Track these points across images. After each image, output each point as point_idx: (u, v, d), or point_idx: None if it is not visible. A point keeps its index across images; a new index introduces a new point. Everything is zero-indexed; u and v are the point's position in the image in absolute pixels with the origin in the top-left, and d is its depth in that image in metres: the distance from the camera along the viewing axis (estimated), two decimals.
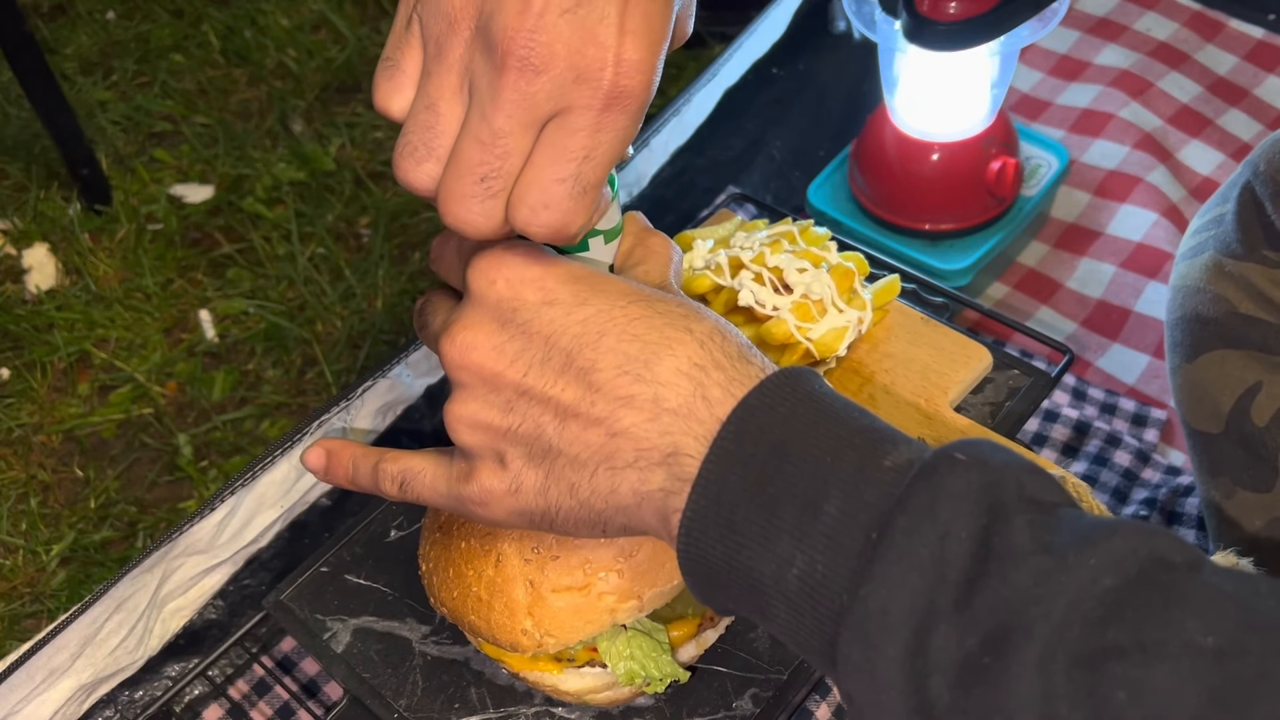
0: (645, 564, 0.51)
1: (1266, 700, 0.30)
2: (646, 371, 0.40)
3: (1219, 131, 1.08)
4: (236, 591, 0.78)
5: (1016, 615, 0.33)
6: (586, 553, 0.51)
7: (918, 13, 0.79)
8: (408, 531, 0.68)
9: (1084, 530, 0.34)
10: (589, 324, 0.41)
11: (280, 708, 0.75)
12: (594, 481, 0.41)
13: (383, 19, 1.57)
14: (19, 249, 1.30)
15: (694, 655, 0.58)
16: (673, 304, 0.42)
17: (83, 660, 0.71)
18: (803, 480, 0.37)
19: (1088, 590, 0.33)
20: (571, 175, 0.39)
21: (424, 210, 1.30)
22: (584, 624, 0.52)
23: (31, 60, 1.22)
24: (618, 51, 0.37)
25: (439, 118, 0.40)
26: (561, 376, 0.41)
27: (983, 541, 0.34)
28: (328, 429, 0.80)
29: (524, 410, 0.42)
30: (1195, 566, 0.33)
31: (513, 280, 0.42)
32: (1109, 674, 0.31)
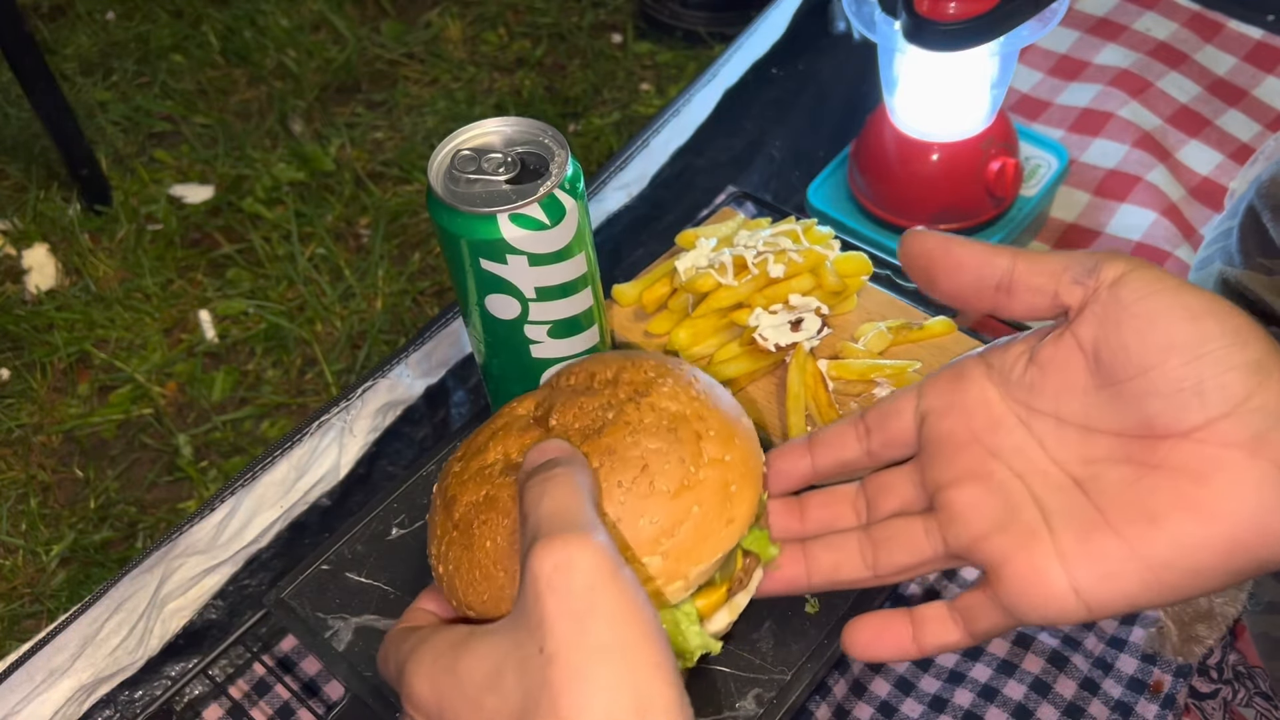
0: (689, 541, 0.48)
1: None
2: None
3: (1218, 131, 1.08)
4: (236, 591, 0.78)
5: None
6: (628, 537, 0.48)
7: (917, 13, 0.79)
8: (409, 529, 0.68)
9: None
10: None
11: (280, 707, 0.75)
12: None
13: (382, 19, 1.57)
14: (19, 249, 1.30)
15: (728, 622, 0.54)
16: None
17: (83, 660, 0.71)
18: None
19: None
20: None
21: (423, 210, 1.30)
22: None
23: (31, 60, 1.22)
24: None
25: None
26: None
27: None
28: (327, 429, 0.80)
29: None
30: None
31: (408, 697, 0.44)
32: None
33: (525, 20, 1.56)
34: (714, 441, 0.49)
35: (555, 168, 0.58)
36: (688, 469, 0.48)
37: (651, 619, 0.38)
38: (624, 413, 0.49)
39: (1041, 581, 0.42)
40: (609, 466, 0.47)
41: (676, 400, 0.50)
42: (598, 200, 0.96)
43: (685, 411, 0.49)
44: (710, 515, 0.48)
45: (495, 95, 1.45)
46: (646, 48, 1.50)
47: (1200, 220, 1.00)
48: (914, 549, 0.48)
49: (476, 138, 0.60)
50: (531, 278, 0.59)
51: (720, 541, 0.48)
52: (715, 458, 0.49)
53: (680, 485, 0.47)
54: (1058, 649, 0.69)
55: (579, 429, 0.50)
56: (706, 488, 0.48)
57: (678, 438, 0.48)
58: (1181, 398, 0.39)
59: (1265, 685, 0.68)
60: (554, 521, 0.39)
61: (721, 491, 0.48)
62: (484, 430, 0.54)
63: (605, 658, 0.36)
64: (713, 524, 0.48)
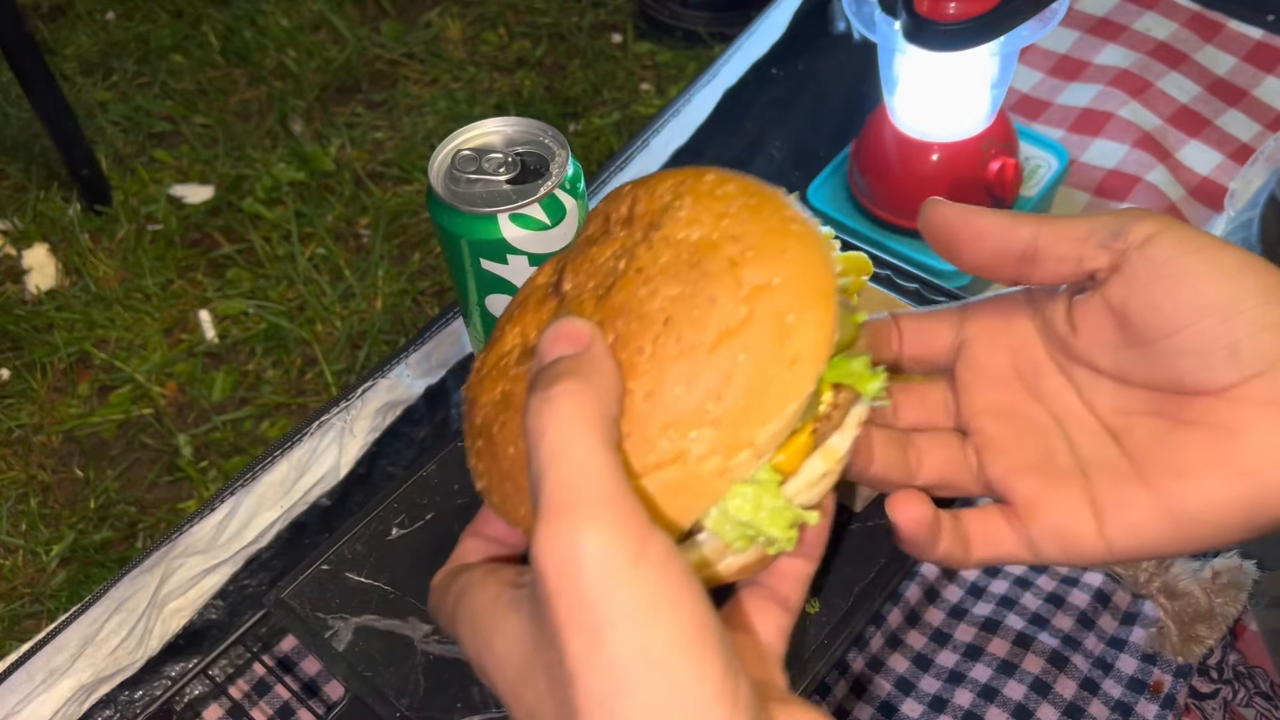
0: (743, 399, 0.37)
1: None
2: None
3: (1218, 132, 1.08)
4: (236, 591, 0.78)
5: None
6: (664, 414, 0.37)
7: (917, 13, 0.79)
8: (409, 529, 0.68)
9: None
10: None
11: (280, 707, 0.75)
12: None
13: (382, 19, 1.57)
14: (19, 249, 1.30)
15: (822, 473, 0.41)
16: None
17: (83, 660, 0.71)
18: None
19: None
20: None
21: (423, 210, 1.30)
22: (694, 501, 0.38)
23: (31, 60, 1.23)
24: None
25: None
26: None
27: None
28: (327, 429, 0.80)
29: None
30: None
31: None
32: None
33: (525, 20, 1.56)
34: (754, 264, 0.38)
35: (556, 168, 0.58)
36: (722, 309, 0.37)
37: (689, 610, 0.32)
38: (635, 258, 0.39)
39: (1072, 525, 0.42)
40: (626, 332, 0.38)
41: (698, 224, 0.39)
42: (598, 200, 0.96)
43: (711, 236, 0.39)
44: (764, 360, 0.37)
45: (495, 95, 1.45)
46: (646, 48, 1.50)
47: (1200, 220, 1.00)
48: (952, 463, 0.47)
49: (477, 138, 0.60)
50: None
51: (786, 389, 0.37)
52: (759, 285, 0.37)
53: (717, 332, 0.37)
54: (1058, 649, 0.69)
55: (592, 290, 0.40)
56: (753, 327, 0.37)
57: (703, 273, 0.38)
58: (1215, 357, 0.39)
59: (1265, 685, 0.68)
60: (555, 485, 0.32)
61: (774, 326, 0.37)
62: (507, 309, 0.45)
63: (631, 687, 0.31)
64: (770, 370, 0.37)
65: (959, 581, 0.74)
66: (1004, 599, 0.72)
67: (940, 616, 0.72)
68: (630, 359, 0.37)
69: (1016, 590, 0.72)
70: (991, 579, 0.74)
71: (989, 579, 0.74)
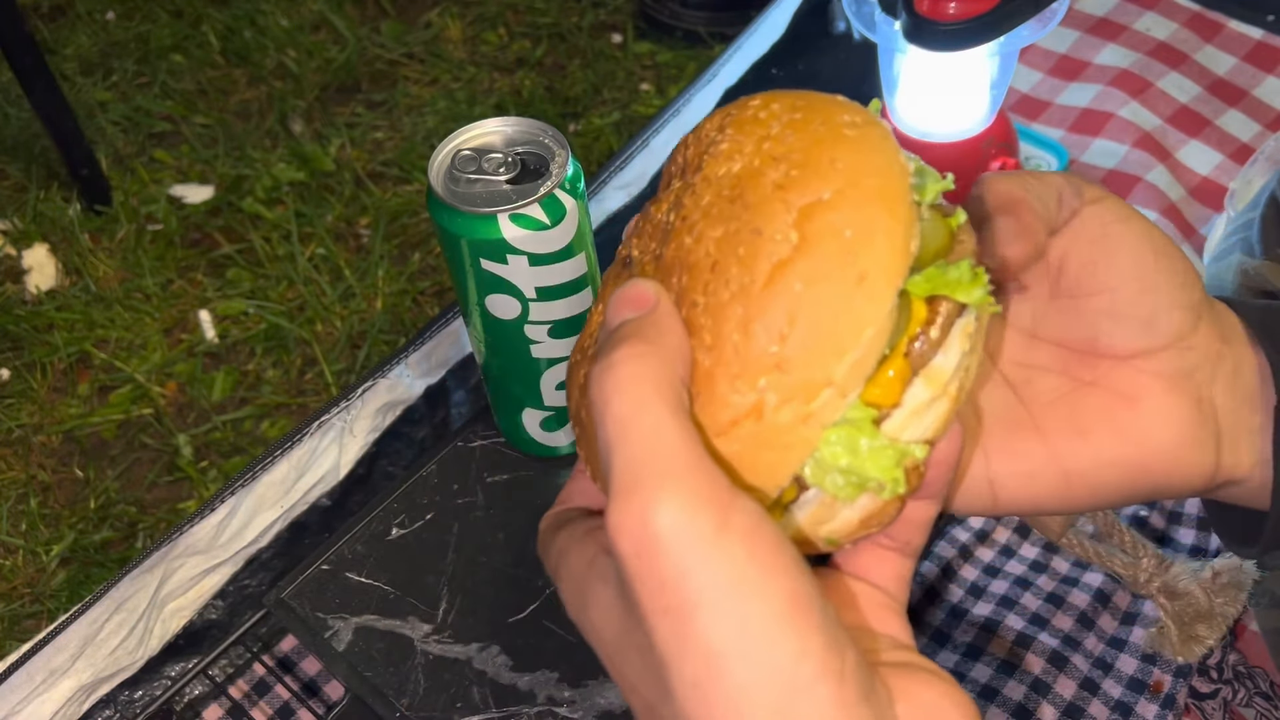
0: (810, 333, 0.32)
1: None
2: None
3: (1218, 132, 1.08)
4: (236, 591, 0.78)
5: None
6: (728, 366, 0.33)
7: (917, 13, 0.79)
8: (409, 529, 0.68)
9: None
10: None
11: (280, 707, 0.75)
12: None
13: (382, 19, 1.57)
14: (19, 249, 1.30)
15: (933, 401, 0.35)
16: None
17: (83, 661, 0.71)
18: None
19: None
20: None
21: (423, 210, 1.30)
22: (780, 456, 0.33)
23: (31, 60, 1.23)
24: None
25: None
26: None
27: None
28: (327, 429, 0.80)
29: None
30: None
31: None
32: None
33: (525, 20, 1.56)
34: (800, 182, 0.33)
35: (555, 168, 0.58)
36: (770, 240, 0.33)
37: (783, 583, 0.29)
38: (682, 207, 0.36)
39: (962, 470, 0.42)
40: (680, 289, 0.34)
41: (738, 155, 0.35)
42: (598, 200, 0.96)
43: (751, 164, 0.34)
44: (827, 285, 0.32)
45: (495, 95, 1.45)
46: (646, 48, 1.50)
47: (1200, 220, 1.00)
48: None
49: (477, 138, 0.60)
50: (532, 278, 0.59)
51: (858, 312, 0.32)
52: (808, 204, 0.33)
53: (769, 266, 0.32)
54: (1058, 649, 0.69)
55: (651, 252, 0.36)
56: (808, 252, 0.32)
57: (745, 205, 0.34)
58: (1131, 324, 0.40)
59: (1265, 685, 0.68)
60: (624, 459, 0.29)
61: (832, 245, 0.32)
62: (599, 291, 0.41)
63: (726, 663, 0.28)
64: (835, 295, 0.32)
65: (959, 581, 0.74)
66: (1004, 599, 0.72)
67: (940, 616, 0.72)
68: (688, 315, 0.33)
69: (1016, 590, 0.72)
70: (991, 579, 0.74)
71: (989, 579, 0.74)
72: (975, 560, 0.74)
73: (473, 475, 0.70)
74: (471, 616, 0.64)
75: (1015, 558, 0.74)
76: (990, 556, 0.74)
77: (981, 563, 0.74)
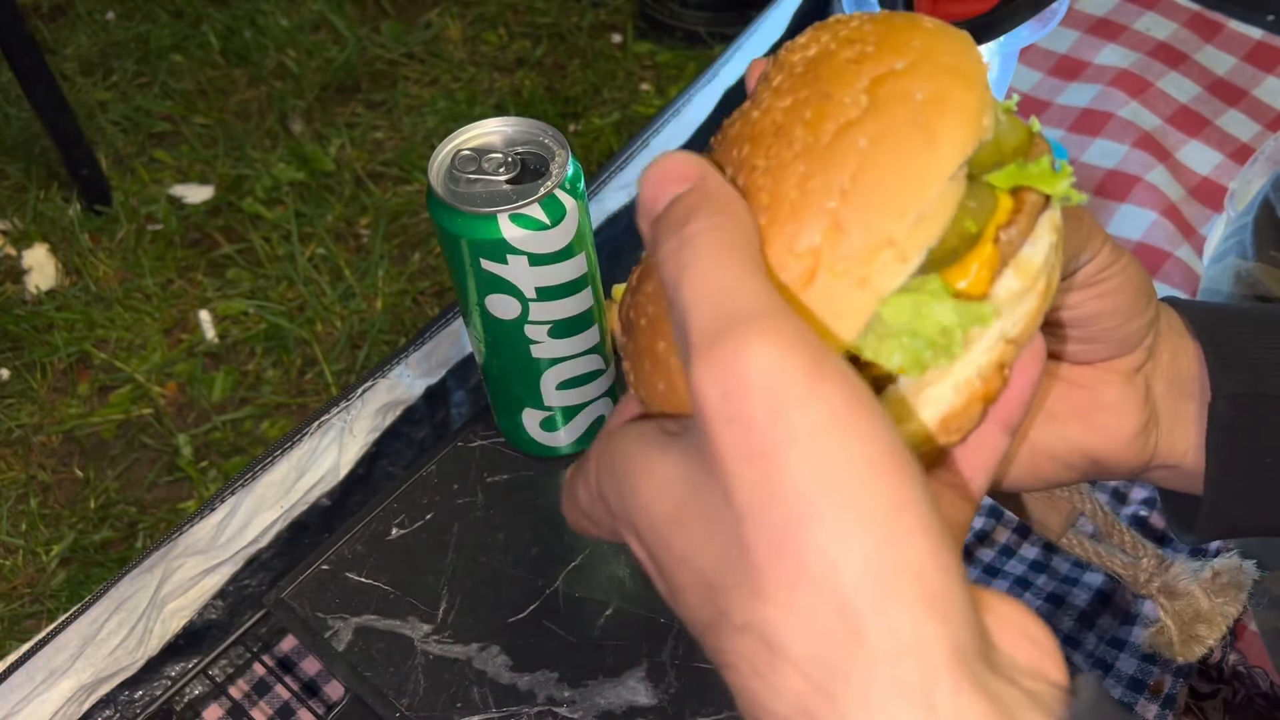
0: (872, 187, 0.30)
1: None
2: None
3: (1218, 132, 1.08)
4: (236, 591, 0.78)
5: None
6: (781, 224, 0.31)
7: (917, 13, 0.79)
8: (409, 529, 0.68)
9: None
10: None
11: (280, 707, 0.75)
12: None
13: (382, 19, 1.57)
14: (19, 249, 1.30)
15: (1023, 294, 0.34)
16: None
17: (83, 660, 0.71)
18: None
19: None
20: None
21: (423, 210, 1.30)
22: (839, 324, 0.31)
23: (31, 60, 1.23)
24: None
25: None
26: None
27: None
28: (327, 429, 0.80)
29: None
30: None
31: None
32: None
33: (525, 20, 1.56)
34: (874, 57, 0.32)
35: (555, 168, 0.58)
36: (839, 104, 0.31)
37: (880, 430, 0.26)
38: (753, 95, 0.34)
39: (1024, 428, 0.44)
40: (740, 159, 0.33)
41: (814, 44, 0.34)
42: (598, 200, 0.96)
43: (827, 47, 0.33)
44: (893, 144, 0.30)
45: (495, 95, 1.45)
46: (646, 48, 1.50)
47: (1200, 220, 1.00)
48: None
49: (477, 138, 0.60)
50: (532, 278, 0.59)
51: (925, 172, 0.30)
52: (882, 73, 0.31)
53: (836, 126, 0.31)
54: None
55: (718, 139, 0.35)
56: (877, 112, 0.31)
57: (817, 76, 0.32)
58: (1107, 346, 0.42)
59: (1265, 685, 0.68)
60: (706, 314, 0.27)
61: (903, 108, 0.31)
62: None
63: (817, 515, 0.25)
64: (901, 152, 0.30)
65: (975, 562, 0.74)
66: None
67: None
68: (746, 181, 0.32)
69: (1017, 590, 0.72)
70: (991, 579, 0.74)
71: (989, 579, 0.74)
72: (975, 560, 0.74)
73: (473, 475, 0.70)
74: (471, 616, 0.64)
75: (1015, 558, 0.74)
76: (990, 557, 0.74)
77: (982, 563, 0.74)
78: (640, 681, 0.60)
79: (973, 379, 0.33)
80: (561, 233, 0.57)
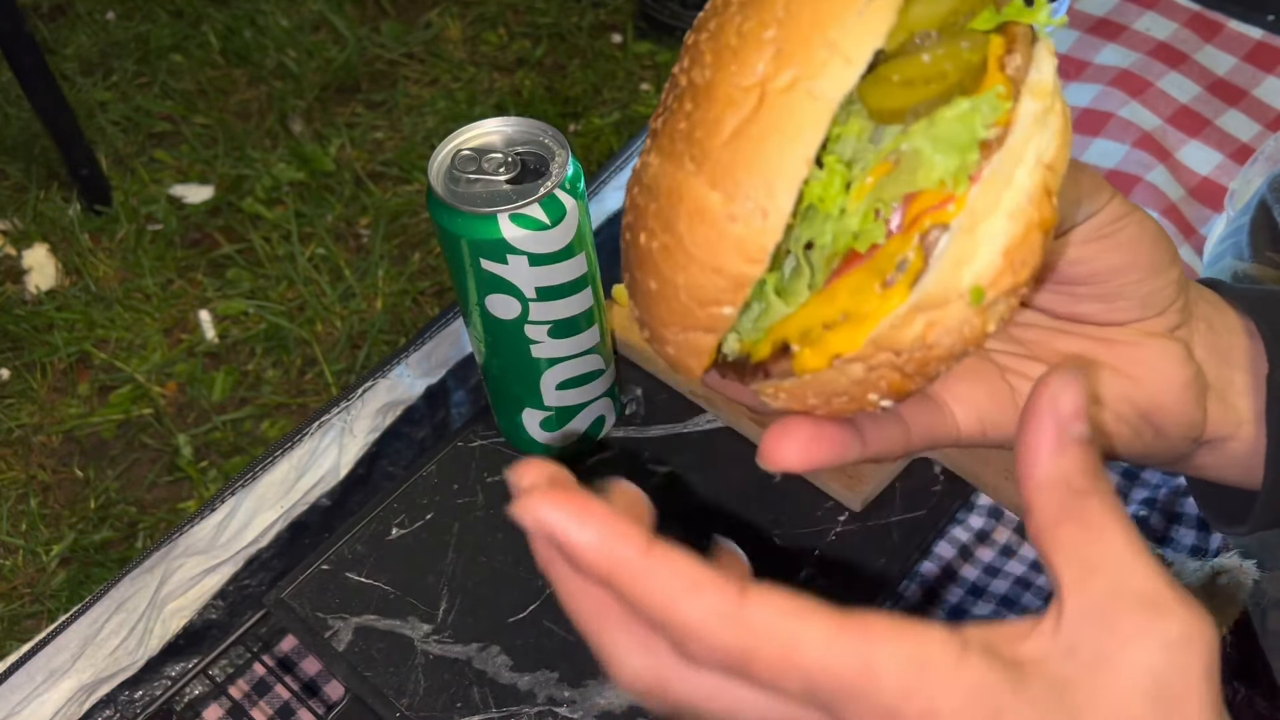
0: (807, 4, 0.30)
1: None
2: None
3: (1218, 132, 1.08)
4: (236, 591, 0.78)
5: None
6: (724, 68, 0.31)
7: None
8: (409, 529, 0.68)
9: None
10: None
11: (280, 707, 0.75)
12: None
13: (382, 19, 1.57)
14: (19, 249, 1.30)
15: (1045, 114, 0.33)
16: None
17: (83, 661, 0.71)
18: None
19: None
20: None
21: (423, 210, 1.30)
22: (798, 143, 0.30)
23: (31, 60, 1.23)
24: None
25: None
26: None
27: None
28: (327, 429, 0.80)
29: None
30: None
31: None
32: None
33: (525, 20, 1.56)
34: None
35: (555, 168, 0.58)
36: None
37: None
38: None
39: (993, 406, 0.42)
40: (693, 49, 0.33)
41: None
42: (598, 200, 0.96)
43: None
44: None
45: (495, 95, 1.45)
46: (646, 48, 1.50)
47: (1200, 220, 1.00)
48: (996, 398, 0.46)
49: (477, 138, 0.60)
50: (532, 278, 0.59)
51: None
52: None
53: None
54: None
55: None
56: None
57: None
58: (1128, 303, 0.41)
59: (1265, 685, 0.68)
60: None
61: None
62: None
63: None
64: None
65: (960, 582, 0.74)
66: (1004, 599, 0.72)
67: (941, 616, 0.72)
68: (691, 66, 0.32)
69: (1017, 590, 0.72)
70: (992, 579, 0.74)
71: (989, 579, 0.74)
72: (975, 560, 0.74)
73: (473, 475, 0.70)
74: (471, 616, 0.64)
75: (1015, 558, 0.74)
76: (990, 557, 0.74)
77: (982, 563, 0.74)
78: None
79: (1024, 205, 0.32)
80: (561, 233, 0.57)
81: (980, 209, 0.31)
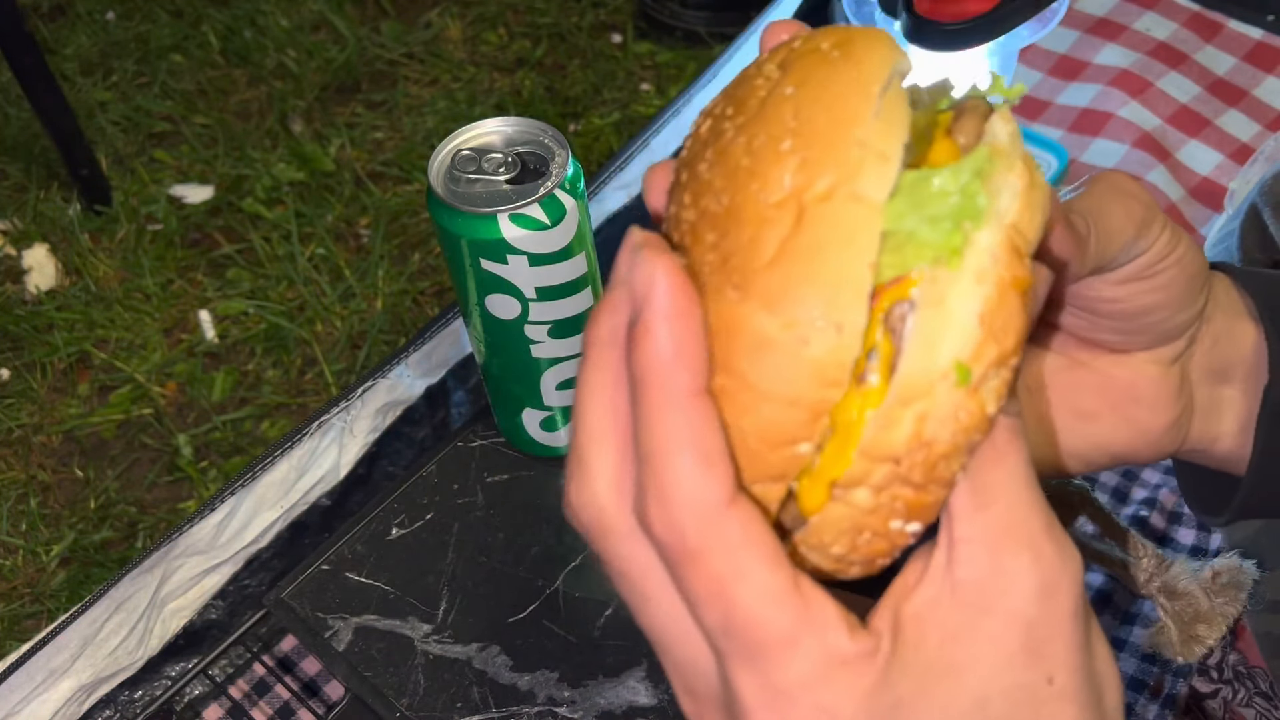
0: (819, 110, 0.29)
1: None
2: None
3: (1218, 132, 1.08)
4: (236, 591, 0.78)
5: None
6: (744, 191, 0.29)
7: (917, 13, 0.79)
8: (409, 529, 0.68)
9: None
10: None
11: (280, 707, 0.75)
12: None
13: (382, 19, 1.57)
14: (19, 249, 1.30)
15: (1013, 136, 0.31)
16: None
17: (83, 660, 0.71)
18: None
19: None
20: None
21: (423, 210, 1.30)
22: (853, 251, 0.28)
23: (31, 60, 1.22)
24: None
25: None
26: None
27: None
28: (327, 429, 0.80)
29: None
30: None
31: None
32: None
33: (525, 20, 1.56)
34: (780, 53, 0.31)
35: (555, 168, 0.58)
36: (754, 84, 0.30)
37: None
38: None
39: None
40: (687, 188, 0.31)
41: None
42: (598, 200, 0.96)
43: (746, 71, 0.32)
44: (820, 74, 0.30)
45: (495, 95, 1.45)
46: (646, 48, 1.50)
47: (1200, 220, 1.00)
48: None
49: (477, 138, 0.60)
50: (532, 278, 0.59)
51: (862, 76, 0.29)
52: (784, 55, 0.31)
53: (759, 99, 0.30)
54: None
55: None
56: (791, 69, 0.30)
57: (726, 94, 0.32)
58: (1150, 336, 0.41)
59: (1265, 685, 0.68)
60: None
61: (815, 54, 0.30)
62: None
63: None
64: (833, 76, 0.29)
65: None
66: None
67: None
68: (694, 200, 0.31)
69: None
70: None
71: None
72: None
73: (473, 475, 0.70)
74: (471, 616, 0.64)
75: None
76: None
77: None
78: (640, 681, 0.60)
79: (989, 266, 0.29)
80: (561, 233, 0.57)
81: (943, 276, 0.29)
